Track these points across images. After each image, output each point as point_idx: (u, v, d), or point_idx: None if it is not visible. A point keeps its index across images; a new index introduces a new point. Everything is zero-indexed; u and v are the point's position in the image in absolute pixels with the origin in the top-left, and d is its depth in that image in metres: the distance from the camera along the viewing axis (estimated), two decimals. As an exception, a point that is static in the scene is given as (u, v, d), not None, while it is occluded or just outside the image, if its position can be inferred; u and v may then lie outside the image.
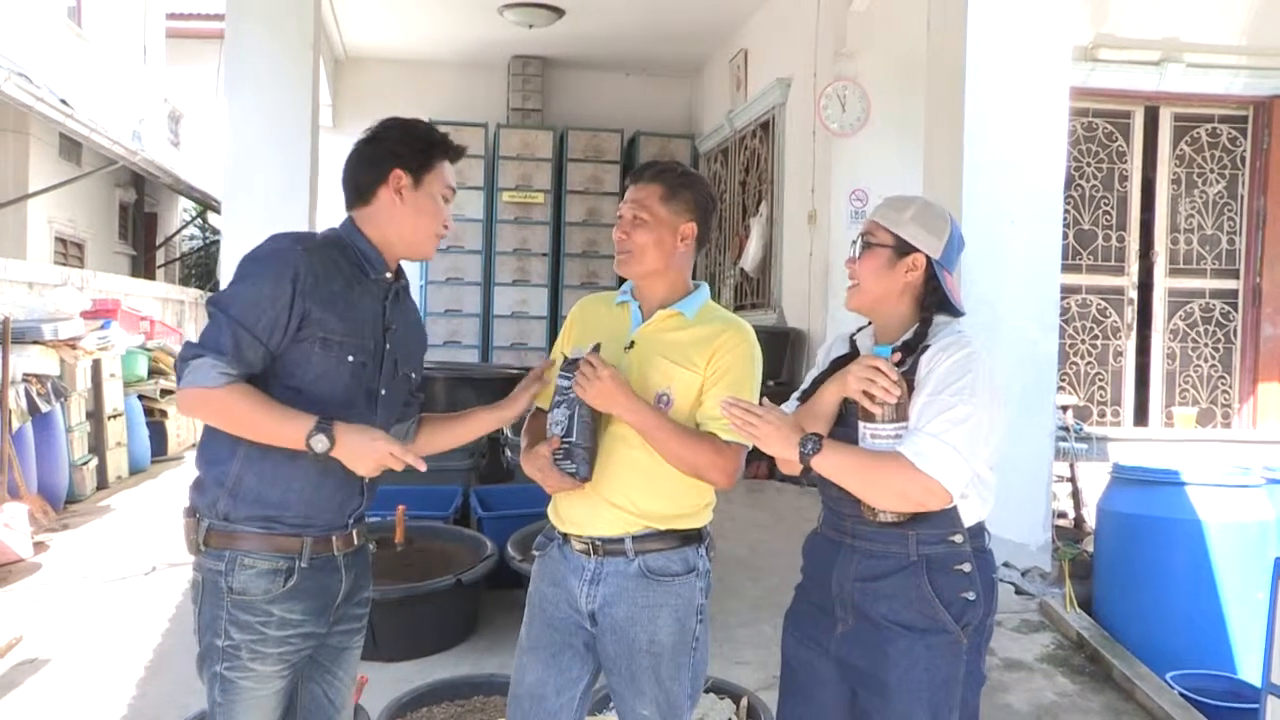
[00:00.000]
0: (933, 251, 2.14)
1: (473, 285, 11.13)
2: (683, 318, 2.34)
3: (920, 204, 2.20)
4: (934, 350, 2.07)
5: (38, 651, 4.24)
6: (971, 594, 2.08)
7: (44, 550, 5.89)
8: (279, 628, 2.10)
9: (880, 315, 2.21)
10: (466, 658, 4.26)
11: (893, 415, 2.01)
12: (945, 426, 1.97)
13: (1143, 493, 4.59)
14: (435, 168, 2.21)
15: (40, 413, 6.74)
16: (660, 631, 2.27)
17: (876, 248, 2.17)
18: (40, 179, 11.81)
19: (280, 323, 2.05)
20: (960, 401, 1.99)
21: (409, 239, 2.22)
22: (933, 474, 1.96)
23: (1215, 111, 7.24)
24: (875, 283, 2.17)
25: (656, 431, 2.20)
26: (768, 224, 9.01)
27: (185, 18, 18.51)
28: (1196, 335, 7.32)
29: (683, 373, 2.27)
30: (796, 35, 8.30)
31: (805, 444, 2.01)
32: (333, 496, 2.15)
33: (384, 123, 2.26)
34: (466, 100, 11.41)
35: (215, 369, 2.00)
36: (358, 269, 2.18)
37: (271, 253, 2.10)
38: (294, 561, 2.11)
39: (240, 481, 2.08)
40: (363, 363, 2.15)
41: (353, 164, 2.24)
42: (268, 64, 6.13)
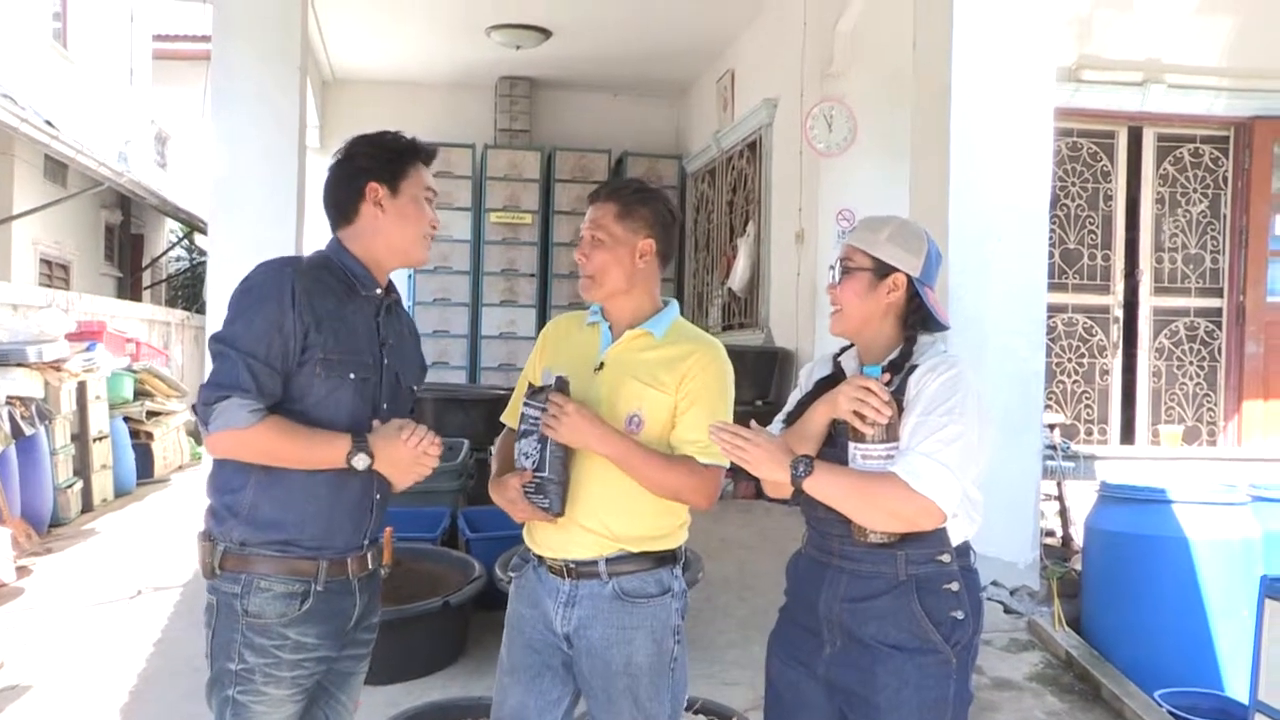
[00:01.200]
0: (912, 270, 2.14)
1: (460, 306, 11.13)
2: (651, 337, 2.33)
3: (896, 223, 2.21)
4: (922, 370, 2.07)
5: (19, 678, 4.19)
6: (960, 613, 2.07)
7: (27, 575, 5.82)
8: (294, 651, 2.10)
9: (865, 337, 2.20)
10: (455, 680, 4.24)
11: (883, 436, 2.00)
12: (937, 446, 1.97)
13: (1130, 511, 4.60)
14: (409, 174, 2.23)
15: (24, 436, 6.68)
16: (637, 653, 2.26)
17: (856, 271, 2.16)
18: (25, 200, 11.75)
19: (289, 348, 2.07)
20: (951, 421, 1.99)
21: (397, 247, 2.24)
22: (927, 493, 1.95)
23: (1197, 132, 7.31)
24: (858, 306, 2.16)
25: (631, 459, 2.20)
26: (755, 244, 9.04)
27: (172, 39, 18.49)
28: (1182, 353, 7.36)
29: (653, 393, 2.27)
30: (783, 56, 8.35)
31: (796, 466, 2.00)
32: (349, 515, 2.16)
33: (352, 141, 2.28)
34: (454, 121, 11.43)
35: (244, 409, 2.01)
36: (347, 287, 2.19)
37: (265, 280, 2.11)
38: (310, 585, 2.11)
39: (256, 508, 2.09)
40: (364, 379, 2.15)
41: (330, 186, 2.26)
42: (254, 86, 6.13)
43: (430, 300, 11.07)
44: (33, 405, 6.90)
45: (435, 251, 10.96)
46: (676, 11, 9.07)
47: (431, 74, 11.23)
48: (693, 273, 11.56)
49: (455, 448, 6.15)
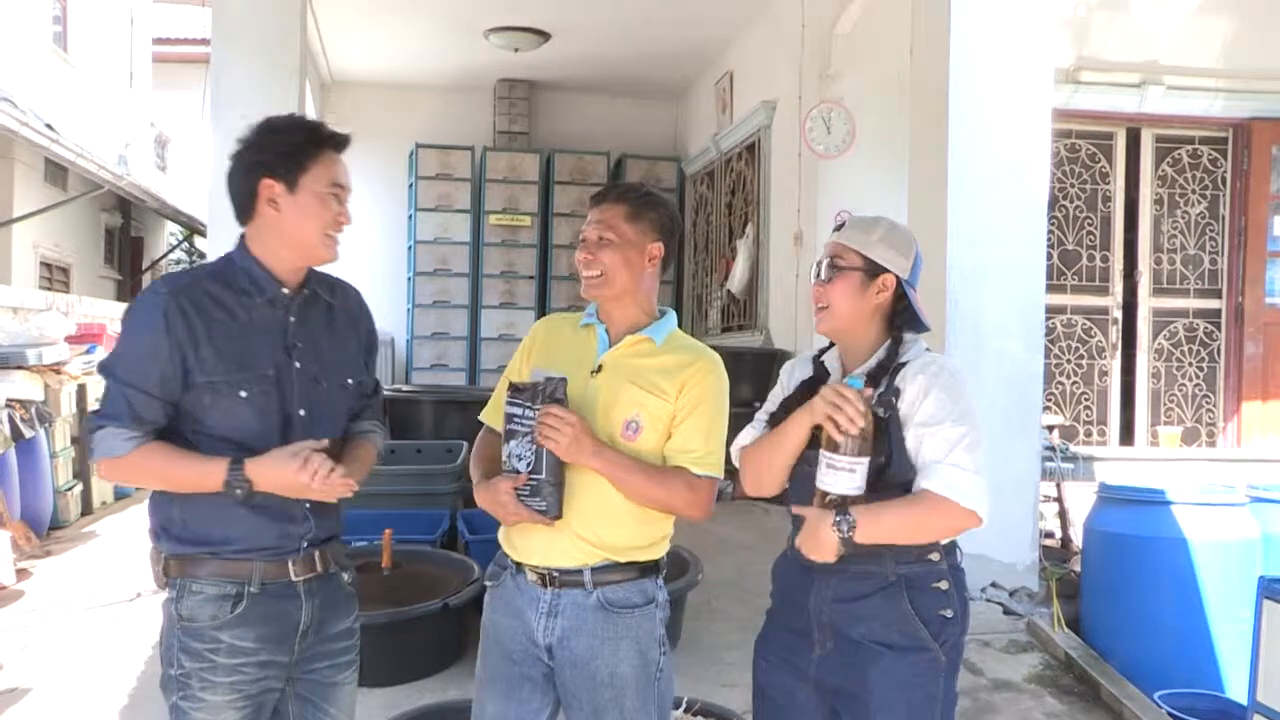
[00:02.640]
0: (902, 271, 2.16)
1: (460, 308, 11.12)
2: (652, 344, 2.30)
3: (887, 224, 2.22)
4: (912, 371, 2.08)
5: (19, 680, 4.19)
6: (949, 611, 2.09)
7: (26, 577, 5.83)
8: (229, 655, 2.05)
9: (851, 337, 2.20)
10: (454, 682, 4.23)
11: (856, 448, 1.99)
12: (963, 455, 2.01)
13: (1129, 512, 4.61)
14: (311, 168, 2.08)
15: (24, 438, 6.68)
16: (622, 664, 2.22)
17: (847, 270, 2.16)
18: (25, 204, 11.77)
19: (168, 374, 2.00)
20: (966, 427, 2.03)
21: (297, 245, 2.11)
22: (971, 505, 1.99)
23: (1196, 133, 7.32)
24: (847, 305, 2.16)
25: (626, 475, 2.18)
26: (754, 246, 9.04)
27: (172, 42, 18.52)
28: (1181, 355, 7.37)
29: (653, 400, 2.23)
30: (781, 58, 8.35)
31: (841, 526, 1.99)
32: (271, 526, 2.09)
33: (254, 128, 2.12)
34: (453, 124, 11.43)
35: (119, 437, 1.98)
36: (245, 294, 2.09)
37: (141, 305, 2.05)
38: (243, 587, 2.06)
39: (184, 525, 2.07)
40: (262, 392, 2.06)
41: (228, 178, 2.12)
42: (253, 89, 6.13)
43: (429, 303, 11.07)
44: (33, 408, 6.90)
45: (434, 254, 11.01)
46: (675, 14, 9.07)
47: (430, 76, 11.22)
48: (692, 274, 11.56)
49: (454, 450, 6.15)
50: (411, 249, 11.05)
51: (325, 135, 2.13)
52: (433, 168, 11.04)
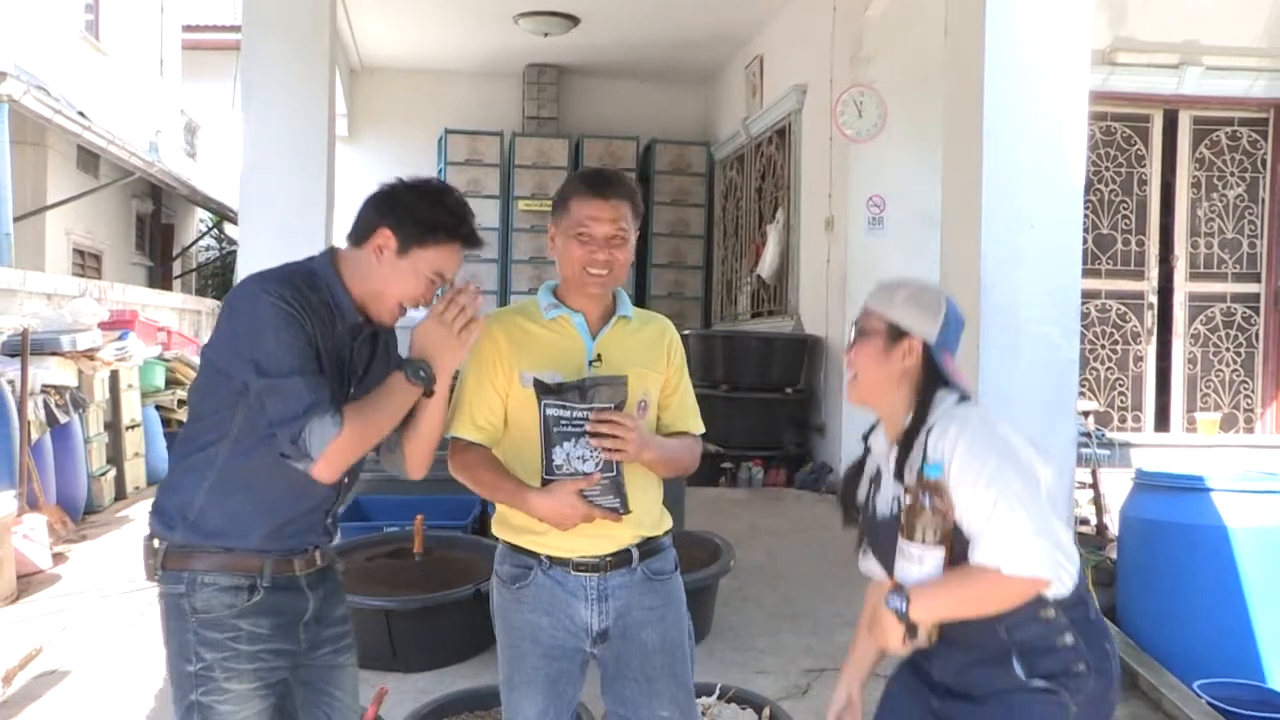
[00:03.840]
0: (928, 335, 2.03)
1: (489, 294, 11.12)
2: (628, 321, 2.37)
3: (913, 285, 2.10)
4: (934, 438, 1.97)
5: (58, 663, 4.25)
6: (1080, 665, 1.95)
7: (63, 561, 5.90)
8: (249, 642, 2.05)
9: (882, 405, 2.11)
10: (487, 667, 4.23)
11: (931, 537, 1.91)
12: (1005, 517, 1.86)
13: (1167, 499, 4.54)
14: (430, 246, 2.07)
15: (59, 424, 6.75)
16: (670, 629, 2.35)
17: (870, 335, 2.06)
18: (58, 191, 11.87)
19: (313, 355, 2.01)
20: (998, 488, 1.88)
21: (372, 295, 2.12)
22: (1025, 572, 1.86)
23: (1235, 114, 7.20)
24: (872, 371, 2.07)
25: (671, 457, 2.32)
26: (785, 231, 8.98)
27: (201, 29, 18.62)
28: (1218, 340, 7.26)
29: (654, 375, 2.35)
30: (812, 41, 8.28)
31: (892, 602, 1.93)
32: (295, 531, 2.12)
33: (414, 179, 2.16)
34: (482, 109, 11.42)
35: (321, 424, 1.94)
36: (328, 310, 2.09)
37: (263, 305, 2.00)
38: (255, 579, 2.06)
39: (203, 514, 2.05)
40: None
41: (365, 202, 2.15)
42: (284, 76, 6.12)
43: (459, 288, 11.07)
44: (67, 394, 6.97)
45: (464, 240, 11.00)
46: (706, -2, 9.02)
47: (459, 62, 11.21)
48: (721, 260, 11.50)
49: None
50: (441, 235, 11.07)
51: (463, 232, 2.12)
52: (462, 153, 11.03)
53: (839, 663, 4.23)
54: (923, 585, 1.92)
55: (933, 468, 1.92)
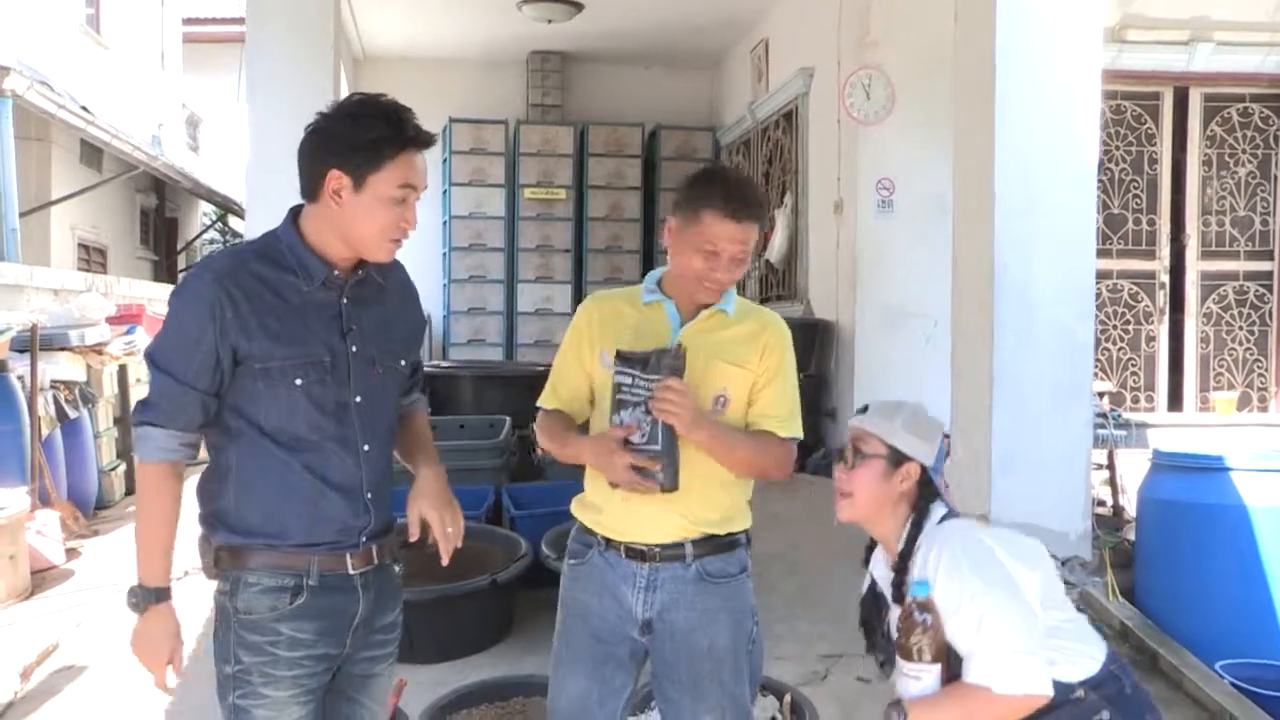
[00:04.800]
0: (925, 458, 2.12)
1: (496, 283, 11.09)
2: (726, 315, 2.32)
3: (909, 409, 2.18)
4: (919, 562, 2.04)
5: (75, 659, 4.24)
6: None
7: (76, 557, 5.89)
8: (289, 648, 1.99)
9: (876, 525, 2.17)
10: (504, 658, 4.24)
11: (927, 655, 1.95)
12: (990, 638, 1.91)
13: (1185, 479, 4.51)
14: (386, 166, 1.93)
15: (69, 419, 6.74)
16: (720, 635, 2.25)
17: (871, 458, 2.13)
18: (62, 186, 11.85)
19: (209, 365, 1.92)
20: (982, 607, 1.93)
21: (351, 243, 2.00)
22: (1016, 690, 1.90)
23: (1246, 91, 7.14)
24: (870, 493, 2.13)
25: (731, 445, 2.21)
26: (793, 215, 8.94)
27: (201, 22, 18.57)
28: (1230, 318, 7.22)
29: (738, 371, 2.27)
30: (818, 24, 8.22)
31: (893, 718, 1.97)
32: (334, 515, 2.03)
33: (334, 107, 2.00)
34: (486, 97, 11.36)
35: (152, 442, 1.94)
36: (293, 275, 1.99)
37: (186, 292, 1.96)
38: (301, 579, 1.99)
39: (239, 515, 2.00)
40: (319, 379, 1.98)
41: (300, 154, 2.00)
42: (289, 67, 6.10)
43: (466, 277, 11.04)
44: (76, 389, 6.96)
45: (470, 229, 10.98)
46: (709, -18, 8.96)
47: (462, 50, 11.15)
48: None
49: (497, 425, 6.14)
50: (447, 224, 11.03)
51: (409, 134, 1.97)
52: (466, 142, 10.98)
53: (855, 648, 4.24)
54: (921, 701, 1.95)
55: (919, 586, 1.99)
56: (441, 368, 7.89)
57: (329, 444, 2.01)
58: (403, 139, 1.95)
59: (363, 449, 2.06)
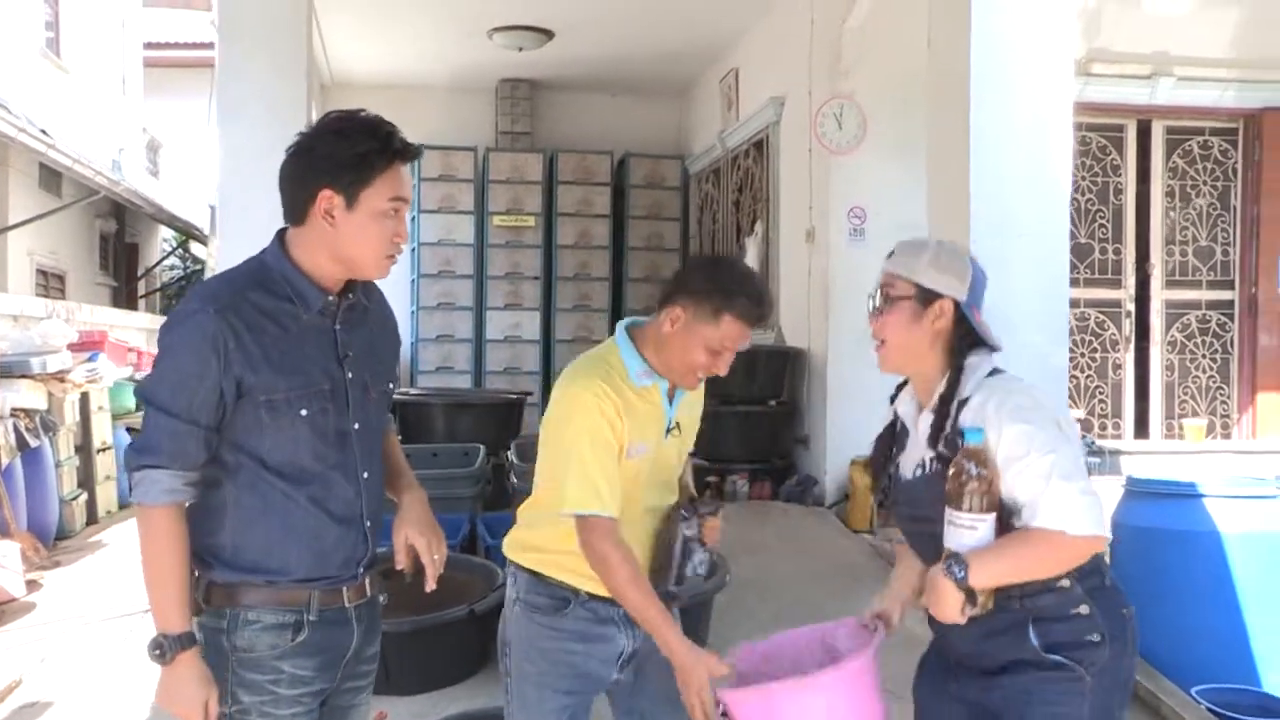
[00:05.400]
0: (958, 293, 2.04)
1: (464, 310, 11.03)
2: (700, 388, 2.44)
3: (935, 245, 2.12)
4: (975, 408, 1.98)
5: (39, 694, 4.14)
6: (1095, 635, 1.97)
7: (37, 589, 5.76)
8: (290, 686, 1.95)
9: (913, 370, 2.12)
10: (482, 689, 4.18)
11: (978, 504, 1.90)
12: (1062, 482, 1.88)
13: (1159, 505, 4.55)
14: (375, 181, 1.90)
15: (29, 448, 6.61)
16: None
17: (899, 300, 2.06)
18: (21, 211, 11.66)
19: (212, 400, 1.87)
20: (1053, 451, 1.91)
21: (348, 263, 1.97)
22: (1088, 532, 1.87)
23: (1206, 124, 7.27)
24: (903, 337, 2.07)
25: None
26: (764, 243, 8.98)
27: (161, 46, 18.43)
28: (1194, 347, 7.33)
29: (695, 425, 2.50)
30: (789, 54, 8.29)
31: (953, 570, 1.90)
32: (336, 549, 1.99)
33: (317, 126, 1.97)
34: (455, 124, 11.33)
35: (156, 485, 1.86)
36: (290, 303, 1.95)
37: (185, 322, 1.89)
38: (302, 615, 1.95)
39: (237, 551, 1.94)
40: (321, 409, 1.95)
41: (282, 177, 1.96)
42: (259, 92, 6.05)
43: (434, 305, 10.98)
44: (37, 417, 6.83)
45: (439, 256, 10.93)
46: (680, 11, 9.00)
47: (431, 77, 11.14)
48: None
49: (471, 453, 6.08)
50: (415, 251, 10.97)
51: (396, 147, 1.94)
52: (435, 169, 10.94)
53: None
54: (981, 552, 1.90)
55: (973, 433, 1.93)
56: (412, 395, 7.81)
57: (333, 473, 1.98)
58: (390, 151, 1.93)
59: (362, 476, 2.03)
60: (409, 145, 1.97)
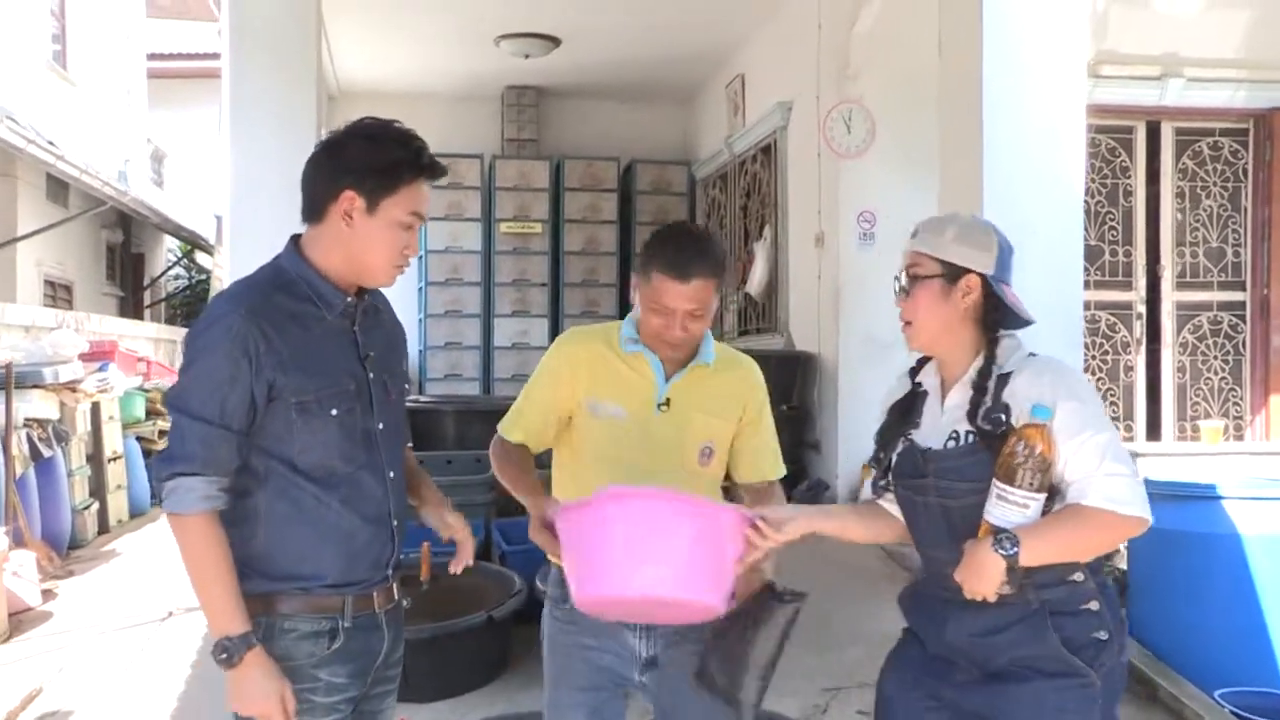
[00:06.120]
0: (985, 268, 2.02)
1: (472, 318, 11.04)
2: (707, 367, 2.34)
3: (959, 221, 2.10)
4: (1025, 384, 1.94)
5: (60, 703, 4.13)
6: (1104, 633, 1.96)
7: (52, 598, 5.76)
8: (326, 693, 1.95)
9: (943, 349, 2.08)
10: (500, 695, 4.18)
11: (1035, 482, 1.86)
12: (1114, 464, 1.87)
13: (1178, 508, 4.52)
14: (400, 191, 1.93)
15: (43, 458, 6.62)
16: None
17: (925, 280, 2.03)
18: (29, 222, 11.70)
19: (244, 404, 1.86)
20: (1105, 430, 1.90)
21: (358, 269, 1.98)
22: (1136, 513, 1.87)
23: (1216, 125, 7.25)
24: (932, 316, 2.04)
25: None
26: (772, 247, 8.98)
27: (165, 58, 18.48)
28: (1206, 348, 7.30)
29: (721, 423, 2.35)
30: (797, 58, 8.29)
31: (1004, 545, 1.86)
32: (367, 550, 1.99)
33: (350, 127, 1.99)
34: (461, 132, 11.32)
35: (192, 493, 1.84)
36: (312, 305, 1.96)
37: (214, 326, 1.88)
38: (337, 621, 1.96)
39: (269, 561, 1.93)
40: (349, 409, 1.96)
41: (308, 172, 1.98)
42: (269, 101, 6.05)
43: (442, 312, 10.99)
44: (49, 427, 6.84)
45: (446, 263, 10.95)
46: (687, 17, 9.02)
47: (437, 85, 11.15)
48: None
49: (484, 460, 6.06)
50: (423, 258, 10.97)
51: (424, 163, 1.96)
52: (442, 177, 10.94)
53: (853, 680, 4.21)
54: (1030, 529, 1.87)
55: (1041, 410, 1.89)
56: (422, 402, 7.81)
57: (362, 473, 1.99)
58: (418, 166, 1.96)
59: (389, 476, 2.04)
60: (436, 163, 2.00)
